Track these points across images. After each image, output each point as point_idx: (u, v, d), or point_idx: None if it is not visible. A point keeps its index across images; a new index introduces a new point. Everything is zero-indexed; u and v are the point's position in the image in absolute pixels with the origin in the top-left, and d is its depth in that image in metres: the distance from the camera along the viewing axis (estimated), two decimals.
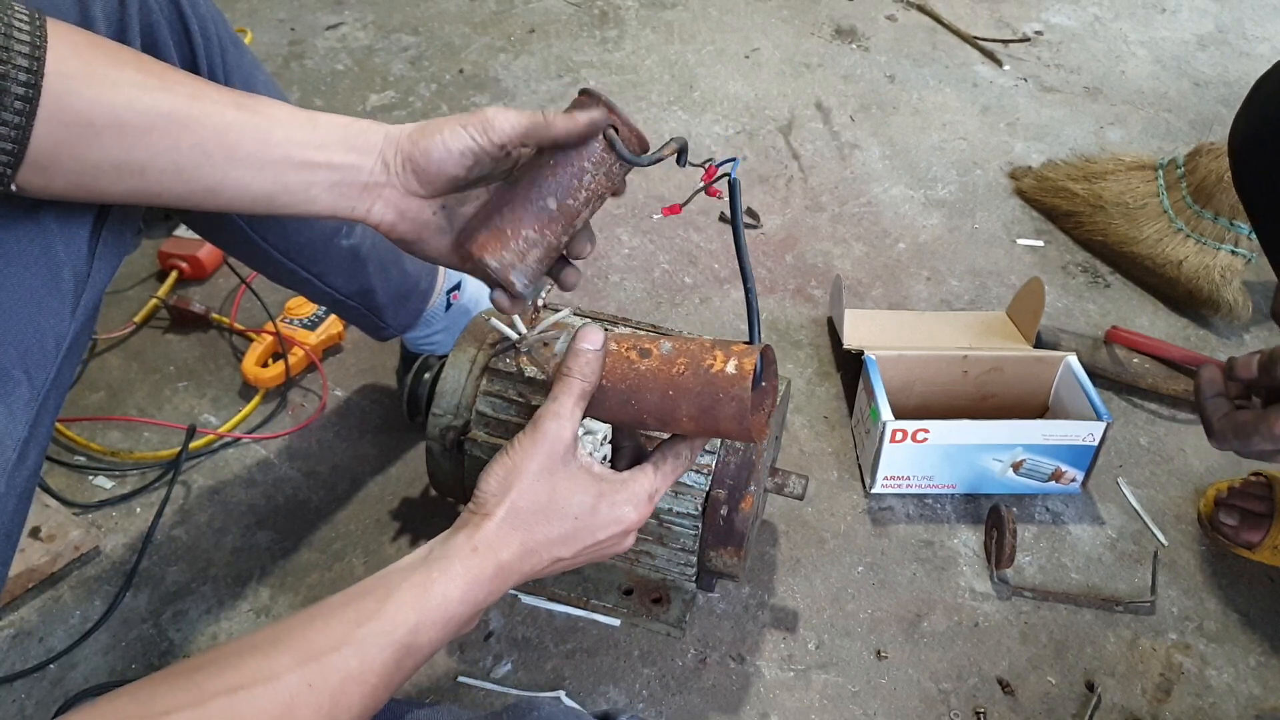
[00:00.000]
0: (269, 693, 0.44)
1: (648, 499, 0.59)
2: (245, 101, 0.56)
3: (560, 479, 0.56)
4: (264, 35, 1.77)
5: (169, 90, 0.53)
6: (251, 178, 0.56)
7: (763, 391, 0.60)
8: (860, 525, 1.02)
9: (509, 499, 0.55)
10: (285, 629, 0.47)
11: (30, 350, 0.55)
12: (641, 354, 0.58)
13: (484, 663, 0.88)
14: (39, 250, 0.56)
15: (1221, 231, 1.27)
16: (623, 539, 0.59)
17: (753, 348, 0.56)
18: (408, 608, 0.50)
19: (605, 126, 0.56)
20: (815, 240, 1.39)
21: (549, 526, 0.56)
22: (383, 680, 0.48)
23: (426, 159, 0.57)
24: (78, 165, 0.51)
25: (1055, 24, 1.95)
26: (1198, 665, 0.91)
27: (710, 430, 0.58)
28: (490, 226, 0.58)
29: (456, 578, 0.52)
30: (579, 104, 0.57)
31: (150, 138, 0.52)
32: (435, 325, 1.01)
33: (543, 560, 0.56)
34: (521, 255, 0.58)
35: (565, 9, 1.90)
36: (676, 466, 0.60)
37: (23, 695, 0.84)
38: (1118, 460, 1.10)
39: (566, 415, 0.56)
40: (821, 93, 1.70)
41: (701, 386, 0.56)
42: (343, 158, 0.57)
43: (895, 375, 1.08)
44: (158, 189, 0.54)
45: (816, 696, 0.87)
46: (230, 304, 1.22)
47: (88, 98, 0.50)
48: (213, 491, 1.02)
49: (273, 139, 0.56)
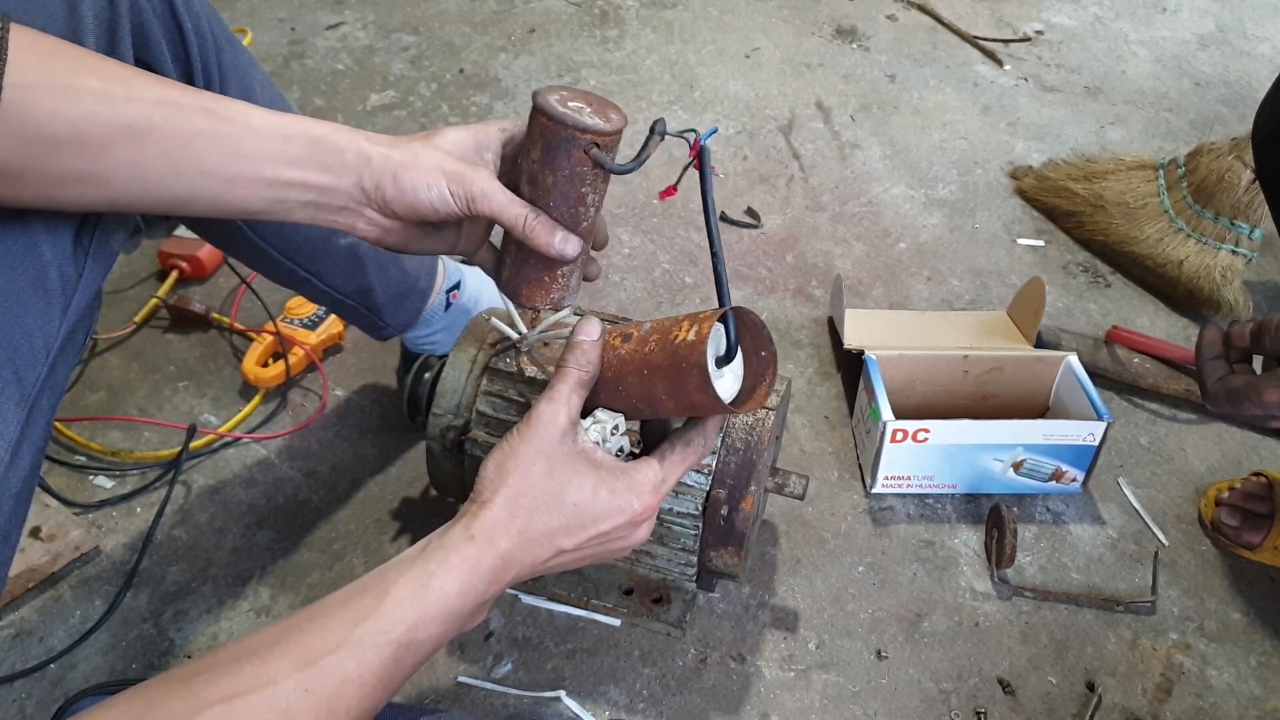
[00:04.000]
0: (265, 700, 0.44)
1: (652, 489, 0.57)
2: (216, 108, 0.54)
3: (557, 464, 0.55)
4: (264, 35, 1.77)
5: (133, 100, 0.51)
6: (220, 190, 0.55)
7: (761, 361, 0.57)
8: (861, 525, 1.02)
9: (507, 485, 0.54)
10: (283, 631, 0.47)
11: (19, 350, 0.55)
12: (624, 339, 0.58)
13: (484, 663, 0.88)
14: (24, 250, 0.55)
15: (1222, 231, 1.27)
16: (630, 531, 0.58)
17: (716, 310, 0.54)
18: (406, 604, 0.49)
19: (588, 146, 0.56)
20: (816, 240, 1.39)
21: (549, 515, 0.54)
22: (382, 680, 0.48)
23: (404, 202, 0.57)
24: (43, 177, 0.50)
25: (1056, 23, 1.95)
26: (1198, 665, 0.91)
27: (687, 406, 0.55)
28: (528, 280, 0.62)
29: (454, 570, 0.51)
30: (533, 118, 0.56)
31: (113, 150, 0.51)
32: (435, 325, 1.01)
33: (545, 550, 0.55)
34: (564, 286, 0.62)
35: (566, 9, 1.90)
36: (686, 455, 0.58)
37: (23, 695, 0.84)
38: (1118, 460, 1.10)
39: (561, 401, 0.55)
40: (822, 92, 1.70)
41: (668, 361, 0.54)
42: (318, 178, 0.56)
43: (896, 375, 1.08)
44: (126, 199, 0.54)
45: (817, 696, 0.87)
46: (230, 304, 1.22)
47: (48, 110, 0.48)
48: (213, 491, 1.02)
49: (242, 151, 0.54)
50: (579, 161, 0.56)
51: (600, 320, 0.60)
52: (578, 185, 0.57)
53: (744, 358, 0.57)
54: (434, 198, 0.57)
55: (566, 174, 0.57)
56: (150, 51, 0.64)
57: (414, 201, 0.57)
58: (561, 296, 0.63)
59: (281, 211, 0.57)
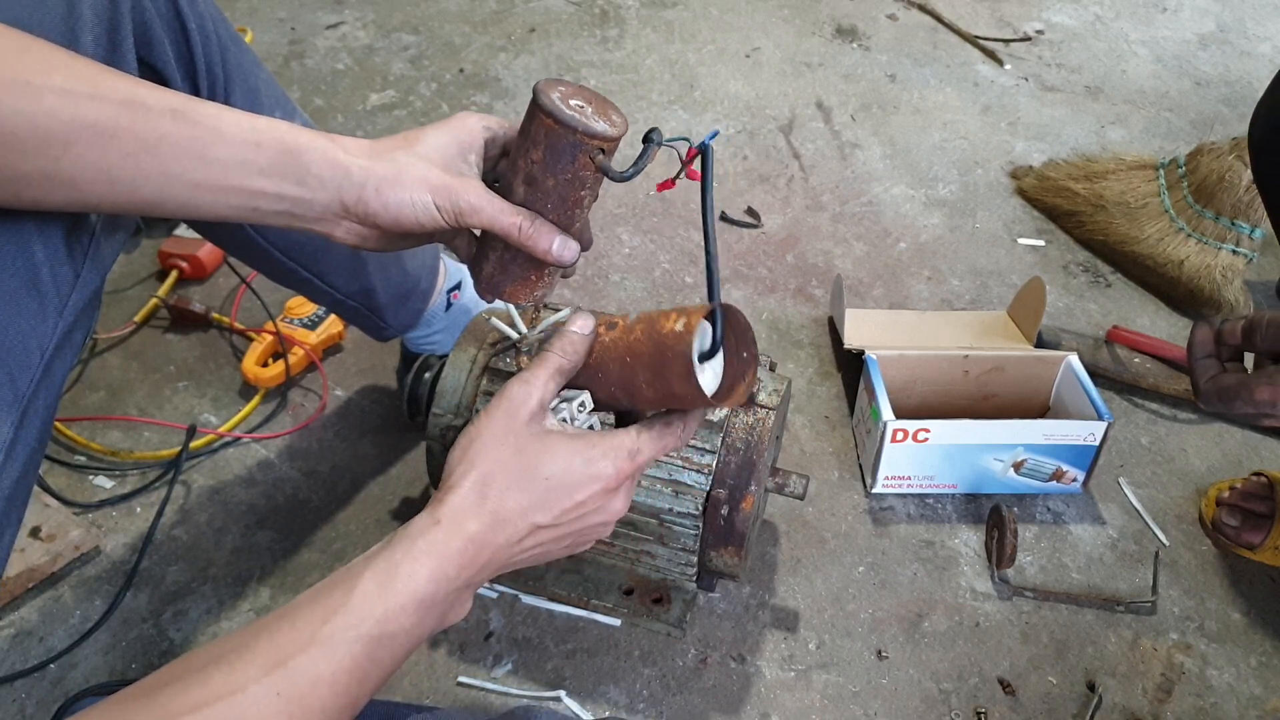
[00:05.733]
0: (234, 708, 0.42)
1: (628, 455, 0.54)
2: (186, 110, 0.53)
3: (526, 441, 0.53)
4: (264, 34, 1.77)
5: (98, 99, 0.50)
6: (189, 195, 0.54)
7: (744, 362, 0.56)
8: (861, 525, 1.02)
9: (475, 468, 0.52)
10: (252, 634, 0.46)
11: (11, 351, 0.54)
12: (609, 327, 0.57)
13: (484, 663, 0.88)
14: (15, 250, 0.54)
15: (1223, 231, 1.27)
16: (608, 501, 0.55)
17: (705, 305, 0.53)
18: (373, 597, 0.47)
19: (594, 152, 0.55)
20: (816, 240, 1.39)
21: (520, 492, 0.52)
22: (355, 677, 0.46)
23: (387, 216, 0.56)
24: (7, 175, 0.50)
25: (1056, 23, 1.95)
26: (1199, 665, 0.91)
27: (668, 397, 0.54)
28: (513, 278, 0.61)
29: (420, 556, 0.49)
30: (535, 116, 0.55)
31: (75, 150, 0.50)
32: (435, 325, 1.01)
33: (519, 529, 0.52)
34: (549, 284, 0.62)
35: (566, 8, 1.90)
36: (664, 435, 0.56)
37: (23, 695, 0.84)
38: (1119, 460, 1.10)
39: (537, 384, 0.54)
40: (822, 92, 1.70)
41: (653, 349, 0.53)
42: (291, 190, 0.55)
43: (896, 375, 1.08)
44: (95, 200, 0.53)
45: (817, 697, 0.87)
46: (230, 303, 1.21)
47: (9, 107, 0.48)
48: (213, 491, 1.02)
49: (209, 157, 0.53)
50: (583, 166, 0.55)
51: (593, 314, 0.59)
52: (577, 189, 0.57)
53: (726, 356, 0.57)
54: (419, 214, 0.55)
55: (569, 178, 0.56)
56: (153, 51, 0.64)
57: (398, 216, 0.56)
58: (545, 293, 0.63)
59: (255, 218, 0.56)
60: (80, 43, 0.57)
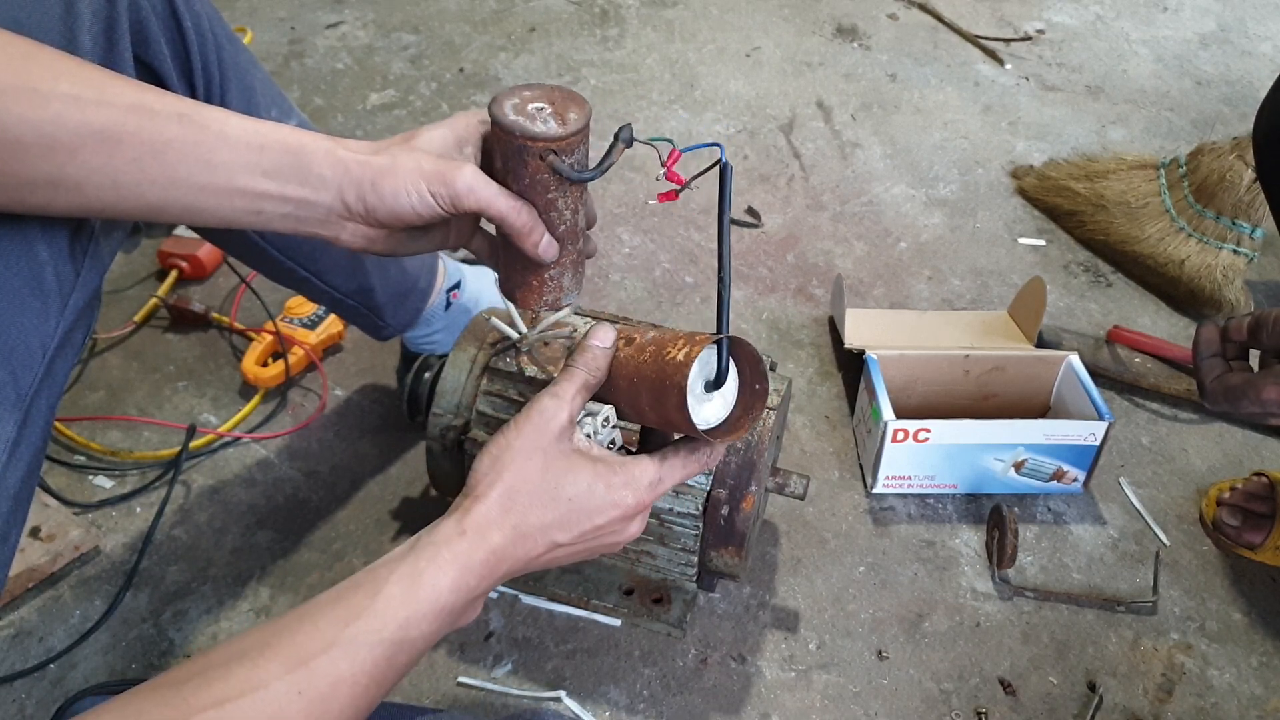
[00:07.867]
0: (257, 703, 0.43)
1: (648, 486, 0.56)
2: (191, 115, 0.53)
3: (554, 459, 0.54)
4: (264, 34, 1.77)
5: (104, 104, 0.50)
6: (195, 199, 0.54)
7: (755, 394, 0.56)
8: (861, 525, 1.02)
9: (501, 480, 0.53)
10: (274, 631, 0.46)
11: (15, 350, 0.55)
12: (626, 343, 0.57)
13: (484, 663, 0.88)
14: (20, 250, 0.54)
15: (1224, 231, 1.27)
16: (624, 526, 0.57)
17: (712, 334, 0.53)
18: (397, 603, 0.48)
19: (543, 154, 0.55)
20: (816, 239, 1.39)
21: (543, 509, 0.53)
22: (374, 680, 0.47)
23: (386, 209, 0.56)
24: (13, 181, 0.50)
25: (1057, 23, 1.95)
26: (1199, 665, 0.91)
27: (668, 423, 0.55)
28: (519, 284, 0.63)
29: (445, 565, 0.50)
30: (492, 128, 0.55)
31: (82, 155, 0.50)
32: (435, 324, 1.01)
33: (538, 545, 0.54)
34: (557, 287, 0.63)
35: (566, 7, 1.89)
36: (688, 464, 0.57)
37: (23, 695, 0.84)
38: (1119, 460, 1.10)
39: (565, 398, 0.55)
40: (823, 91, 1.70)
41: (655, 374, 0.53)
42: (295, 191, 0.55)
43: (896, 375, 1.08)
44: (100, 205, 0.53)
45: (817, 697, 0.87)
46: (230, 303, 1.21)
47: (15, 114, 0.48)
48: (213, 491, 1.02)
49: (215, 161, 0.53)
50: (537, 170, 0.55)
51: (614, 327, 0.59)
52: (543, 193, 0.57)
53: (740, 388, 0.57)
54: (415, 202, 0.56)
55: (528, 182, 0.56)
56: (149, 50, 0.64)
57: (395, 208, 0.56)
58: (556, 298, 0.63)
59: (260, 222, 0.56)
60: (78, 41, 0.57)
